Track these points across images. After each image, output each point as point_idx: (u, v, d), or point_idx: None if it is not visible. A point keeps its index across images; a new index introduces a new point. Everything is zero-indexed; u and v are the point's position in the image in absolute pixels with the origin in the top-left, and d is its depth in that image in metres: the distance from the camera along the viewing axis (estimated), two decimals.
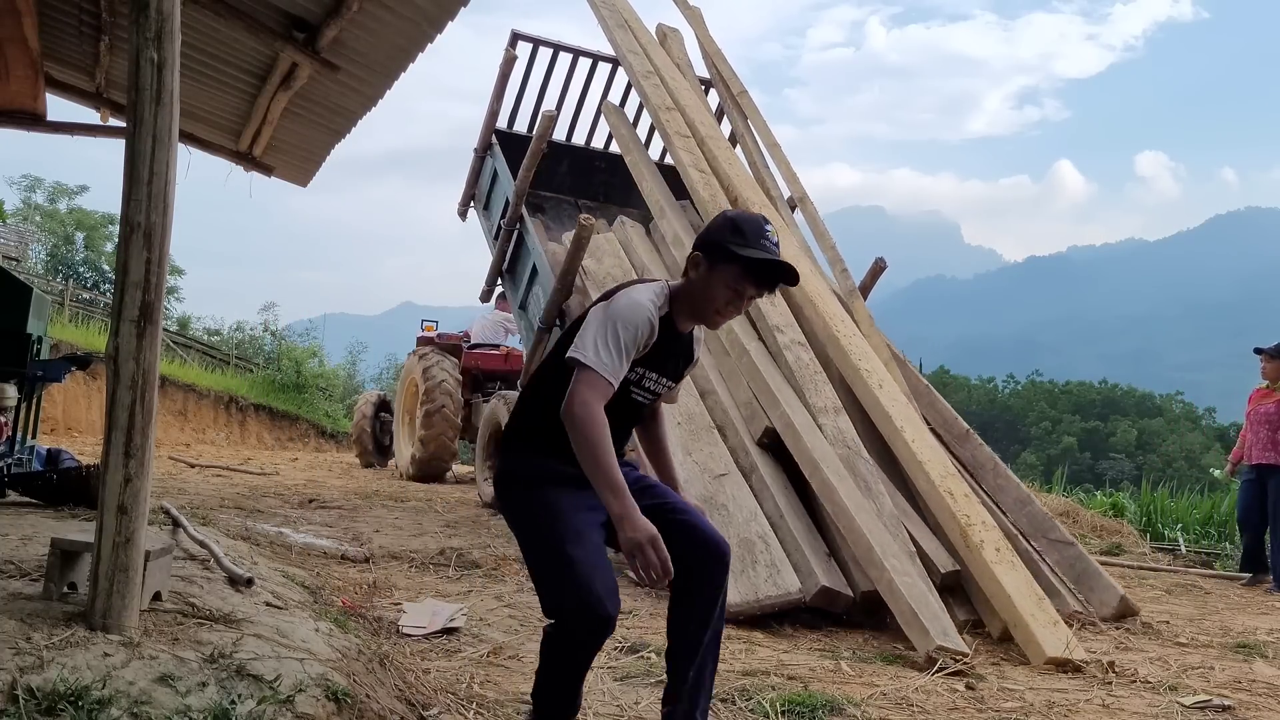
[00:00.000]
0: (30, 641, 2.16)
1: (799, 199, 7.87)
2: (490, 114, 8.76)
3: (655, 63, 8.46)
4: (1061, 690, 3.61)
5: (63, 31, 5.69)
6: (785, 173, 7.97)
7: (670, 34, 9.15)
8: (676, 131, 7.66)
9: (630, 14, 9.05)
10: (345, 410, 25.44)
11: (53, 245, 29.08)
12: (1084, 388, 75.65)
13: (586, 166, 9.31)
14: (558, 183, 9.14)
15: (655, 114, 7.92)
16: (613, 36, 8.70)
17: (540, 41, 8.81)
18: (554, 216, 8.97)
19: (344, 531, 6.08)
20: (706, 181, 7.15)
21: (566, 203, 9.26)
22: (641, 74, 8.27)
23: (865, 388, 5.54)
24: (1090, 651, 4.17)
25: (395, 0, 4.39)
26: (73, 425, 14.29)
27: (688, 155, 7.40)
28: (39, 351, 5.57)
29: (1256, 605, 6.32)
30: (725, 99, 8.71)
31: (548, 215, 8.95)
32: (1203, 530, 10.25)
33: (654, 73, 8.33)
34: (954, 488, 4.91)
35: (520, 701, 2.89)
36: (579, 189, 9.34)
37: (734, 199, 6.98)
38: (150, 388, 2.42)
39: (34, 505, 4.43)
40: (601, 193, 9.41)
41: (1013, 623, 4.26)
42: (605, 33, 8.84)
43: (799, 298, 6.19)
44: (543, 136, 7.61)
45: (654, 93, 8.06)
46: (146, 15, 2.44)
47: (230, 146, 6.84)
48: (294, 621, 2.81)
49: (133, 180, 2.43)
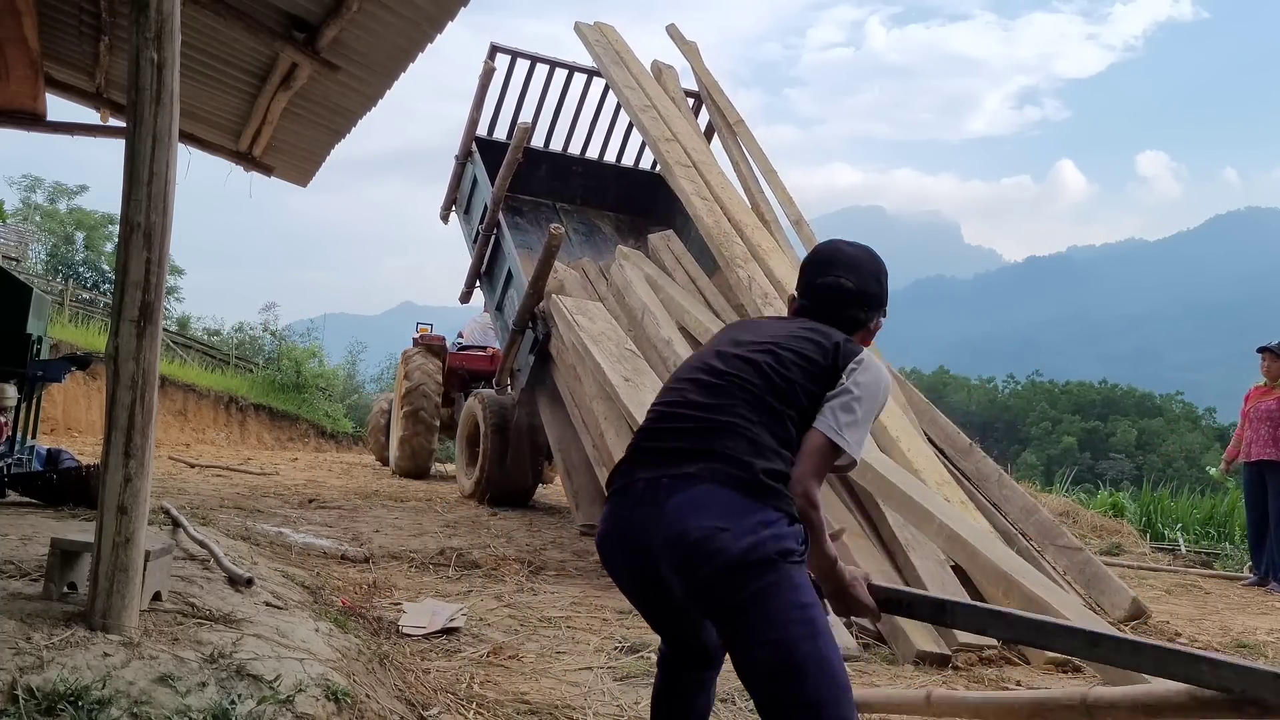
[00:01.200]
0: (30, 641, 2.16)
1: (795, 222, 8.06)
2: (470, 122, 9.17)
3: (651, 96, 8.75)
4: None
5: (63, 31, 5.68)
6: (782, 197, 8.22)
7: (665, 70, 9.44)
8: (676, 161, 7.93)
9: (624, 48, 9.37)
10: (345, 410, 25.43)
11: (53, 245, 29.06)
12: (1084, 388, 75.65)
13: (564, 171, 9.65)
14: (536, 186, 9.50)
15: (654, 145, 8.20)
16: (609, 72, 9.00)
17: (518, 53, 9.18)
18: (532, 219, 9.34)
19: (344, 531, 6.08)
20: (710, 208, 7.40)
21: (545, 205, 9.62)
22: (639, 108, 8.55)
23: None
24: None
25: (395, 0, 4.39)
26: (73, 425, 14.29)
27: (689, 184, 7.66)
28: (39, 351, 5.57)
29: (1256, 605, 6.32)
30: (721, 128, 8.94)
31: (526, 218, 9.32)
32: (1203, 530, 10.26)
33: (651, 106, 8.60)
34: (950, 495, 4.93)
35: (520, 701, 2.89)
36: (557, 192, 9.70)
37: (733, 222, 7.25)
38: (150, 388, 2.42)
39: (34, 505, 4.43)
40: (579, 196, 9.76)
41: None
42: (600, 68, 9.19)
43: None
44: (518, 147, 7.93)
45: (652, 125, 8.34)
46: (146, 15, 2.44)
47: (230, 146, 6.84)
48: (294, 621, 2.81)
49: (133, 180, 2.43)
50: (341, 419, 24.55)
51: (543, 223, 9.15)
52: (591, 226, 9.68)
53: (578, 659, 3.47)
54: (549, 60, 9.27)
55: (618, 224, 9.75)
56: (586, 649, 3.62)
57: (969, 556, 3.68)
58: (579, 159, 9.75)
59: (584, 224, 9.63)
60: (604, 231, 9.67)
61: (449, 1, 4.32)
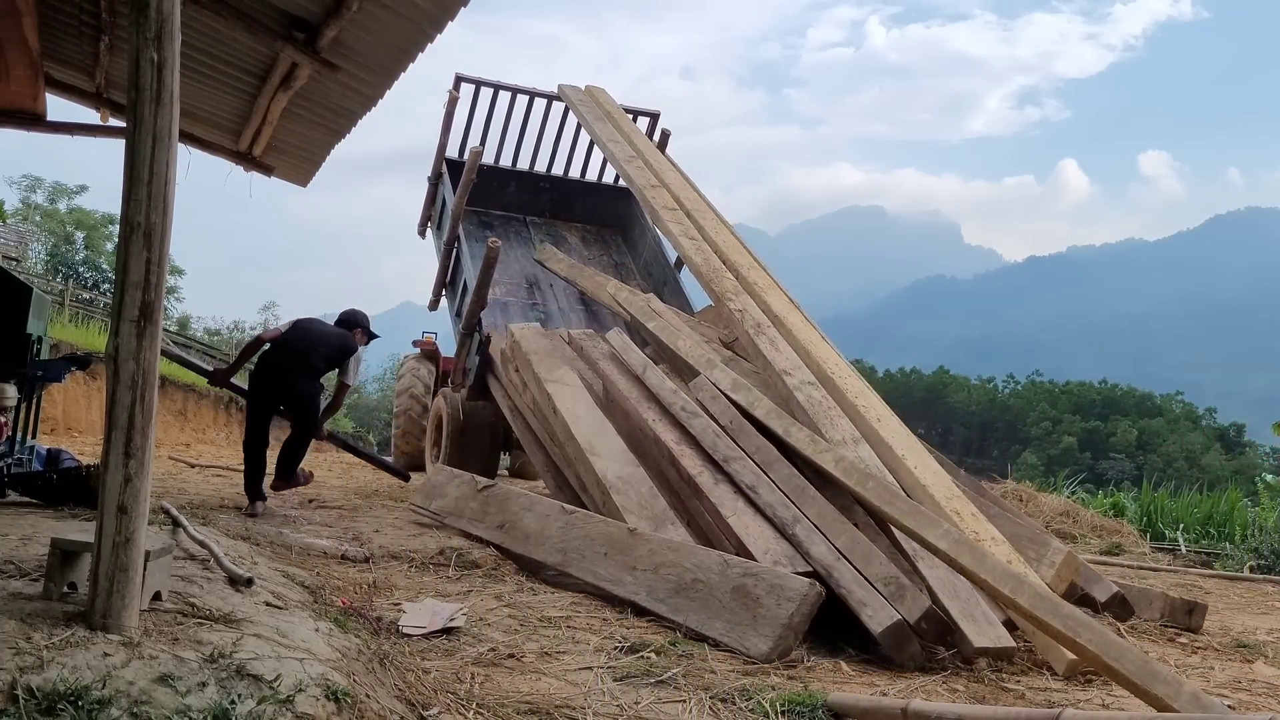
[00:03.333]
0: (30, 641, 2.16)
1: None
2: (440, 146, 10.13)
3: (638, 146, 9.18)
4: (1061, 690, 3.62)
5: (63, 31, 5.69)
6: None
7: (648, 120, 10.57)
8: (664, 205, 8.25)
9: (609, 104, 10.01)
10: (345, 410, 25.42)
11: (53, 245, 29.07)
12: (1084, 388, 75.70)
13: (533, 187, 10.62)
14: (507, 201, 10.50)
15: (641, 193, 8.57)
16: (593, 130, 9.55)
17: (481, 83, 10.14)
18: (502, 233, 10.22)
19: (344, 531, 6.07)
20: (699, 248, 7.64)
21: (515, 219, 10.59)
22: (624, 159, 8.95)
23: (865, 422, 5.65)
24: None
25: (395, 0, 4.40)
26: (73, 425, 14.28)
27: (677, 226, 7.98)
28: (39, 351, 5.57)
29: (1256, 605, 6.32)
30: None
31: (496, 231, 10.11)
32: (1203, 530, 10.25)
33: (636, 156, 9.00)
34: (960, 508, 4.93)
35: (520, 701, 2.89)
36: (527, 207, 10.66)
37: (725, 261, 7.45)
38: (150, 388, 2.42)
39: (34, 505, 4.43)
40: (548, 209, 10.72)
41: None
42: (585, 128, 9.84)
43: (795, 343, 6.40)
44: (471, 169, 8.84)
45: (638, 174, 8.71)
46: (146, 15, 2.44)
47: (230, 146, 6.84)
48: (294, 621, 2.81)
49: (133, 180, 2.43)
50: (342, 419, 24.56)
51: (511, 235, 10.15)
52: (559, 237, 10.54)
53: (578, 659, 3.47)
54: (510, 87, 10.22)
55: (584, 234, 10.72)
56: (586, 649, 3.61)
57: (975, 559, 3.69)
58: (546, 176, 10.71)
59: (551, 234, 10.51)
60: (570, 241, 10.55)
61: (449, 1, 4.32)
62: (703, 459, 5.27)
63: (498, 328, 8.41)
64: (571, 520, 4.98)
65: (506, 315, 9.07)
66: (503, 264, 9.02)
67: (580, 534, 4.81)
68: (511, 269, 9.76)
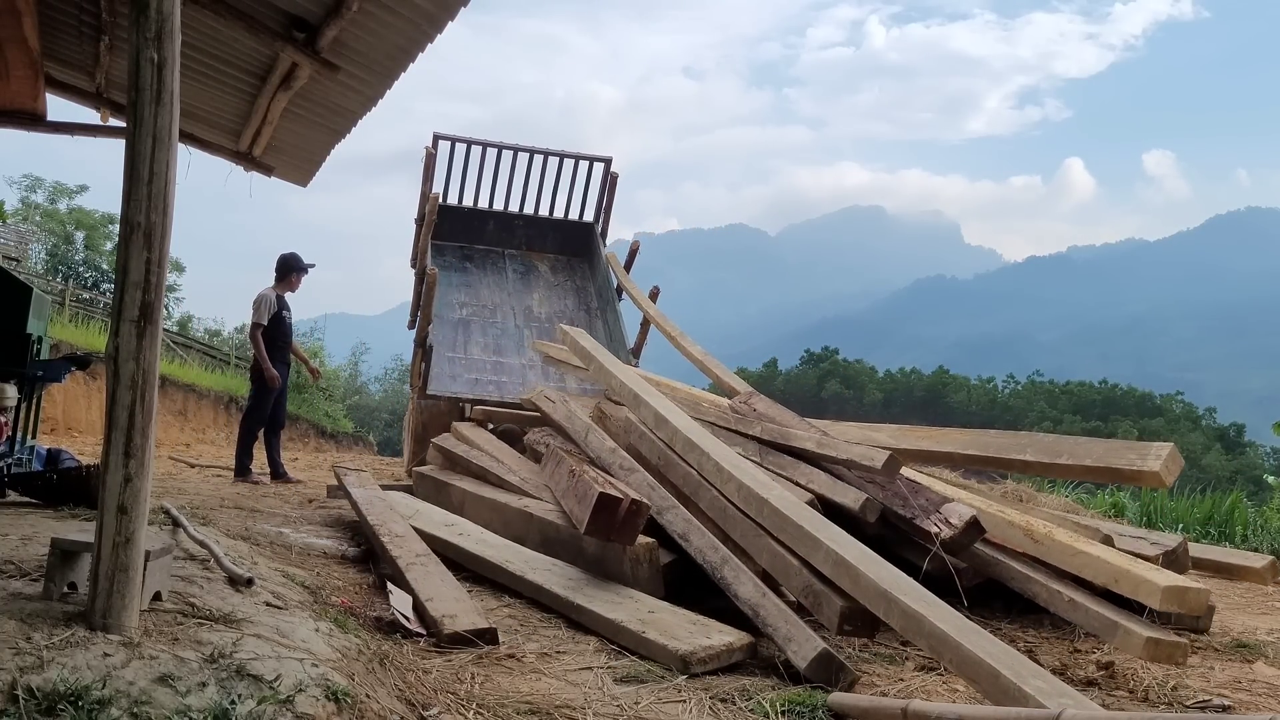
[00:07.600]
0: (30, 641, 2.16)
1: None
2: (422, 195, 11.27)
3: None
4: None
5: (63, 31, 5.69)
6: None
7: (610, 257, 11.63)
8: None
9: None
10: (345, 411, 25.45)
11: (53, 245, 29.08)
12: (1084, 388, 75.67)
13: (509, 225, 12.20)
14: (487, 238, 12.09)
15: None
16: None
17: (456, 140, 11.61)
18: (480, 264, 11.85)
19: (344, 531, 6.07)
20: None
21: (494, 252, 12.14)
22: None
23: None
24: (1090, 654, 4.17)
25: (395, 0, 4.40)
26: (73, 425, 14.28)
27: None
28: (39, 351, 5.57)
29: (1256, 605, 6.32)
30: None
31: (475, 263, 11.83)
32: (1203, 530, 10.24)
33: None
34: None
35: (520, 701, 2.89)
36: (504, 241, 12.21)
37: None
38: (150, 388, 2.42)
39: (34, 505, 4.43)
40: (523, 243, 12.25)
41: (1113, 577, 4.21)
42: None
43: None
44: (432, 211, 10.50)
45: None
46: (146, 15, 2.44)
47: (230, 146, 6.84)
48: (294, 621, 2.81)
49: (133, 180, 2.43)
50: (342, 419, 24.57)
51: (489, 267, 11.89)
52: (529, 266, 12.15)
53: (578, 659, 3.47)
54: (482, 142, 11.71)
55: (554, 263, 12.31)
56: (586, 649, 3.61)
57: (852, 580, 3.67)
58: (519, 215, 12.17)
59: (524, 265, 12.13)
60: (540, 270, 12.18)
61: (449, 1, 4.33)
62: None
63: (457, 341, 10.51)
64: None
65: (467, 330, 10.89)
66: (472, 289, 11.29)
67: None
68: (481, 293, 11.58)
